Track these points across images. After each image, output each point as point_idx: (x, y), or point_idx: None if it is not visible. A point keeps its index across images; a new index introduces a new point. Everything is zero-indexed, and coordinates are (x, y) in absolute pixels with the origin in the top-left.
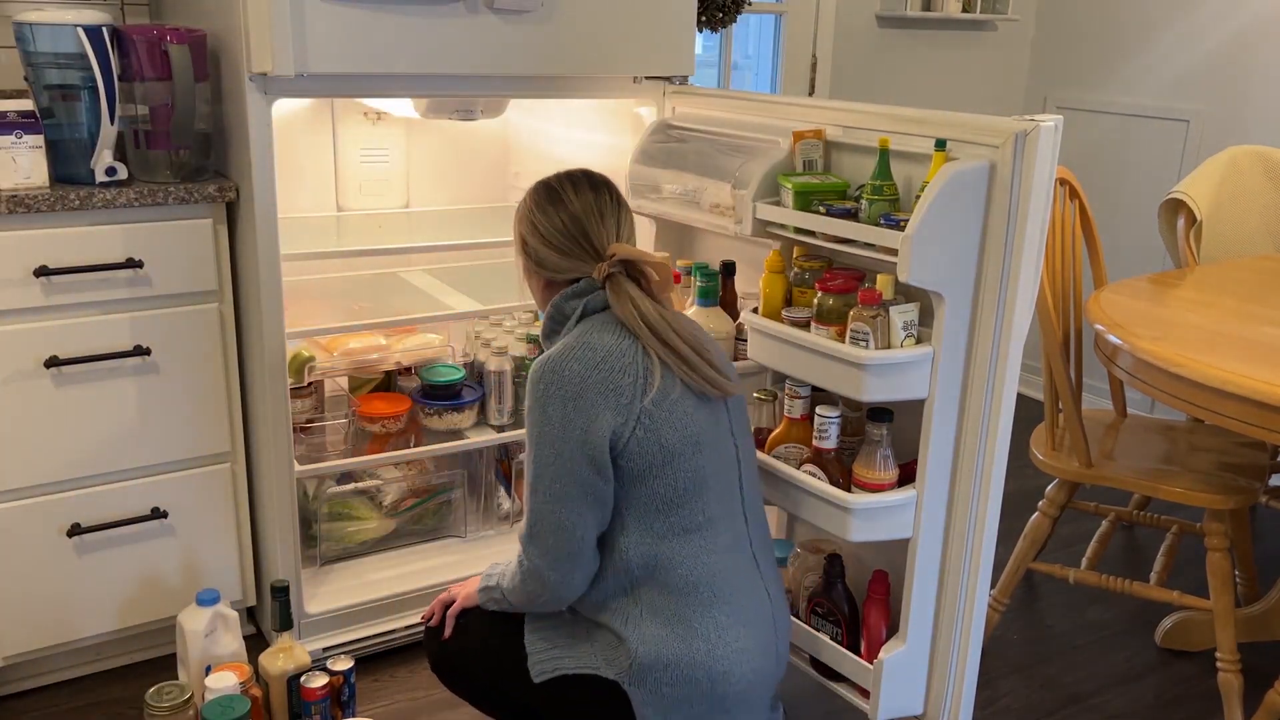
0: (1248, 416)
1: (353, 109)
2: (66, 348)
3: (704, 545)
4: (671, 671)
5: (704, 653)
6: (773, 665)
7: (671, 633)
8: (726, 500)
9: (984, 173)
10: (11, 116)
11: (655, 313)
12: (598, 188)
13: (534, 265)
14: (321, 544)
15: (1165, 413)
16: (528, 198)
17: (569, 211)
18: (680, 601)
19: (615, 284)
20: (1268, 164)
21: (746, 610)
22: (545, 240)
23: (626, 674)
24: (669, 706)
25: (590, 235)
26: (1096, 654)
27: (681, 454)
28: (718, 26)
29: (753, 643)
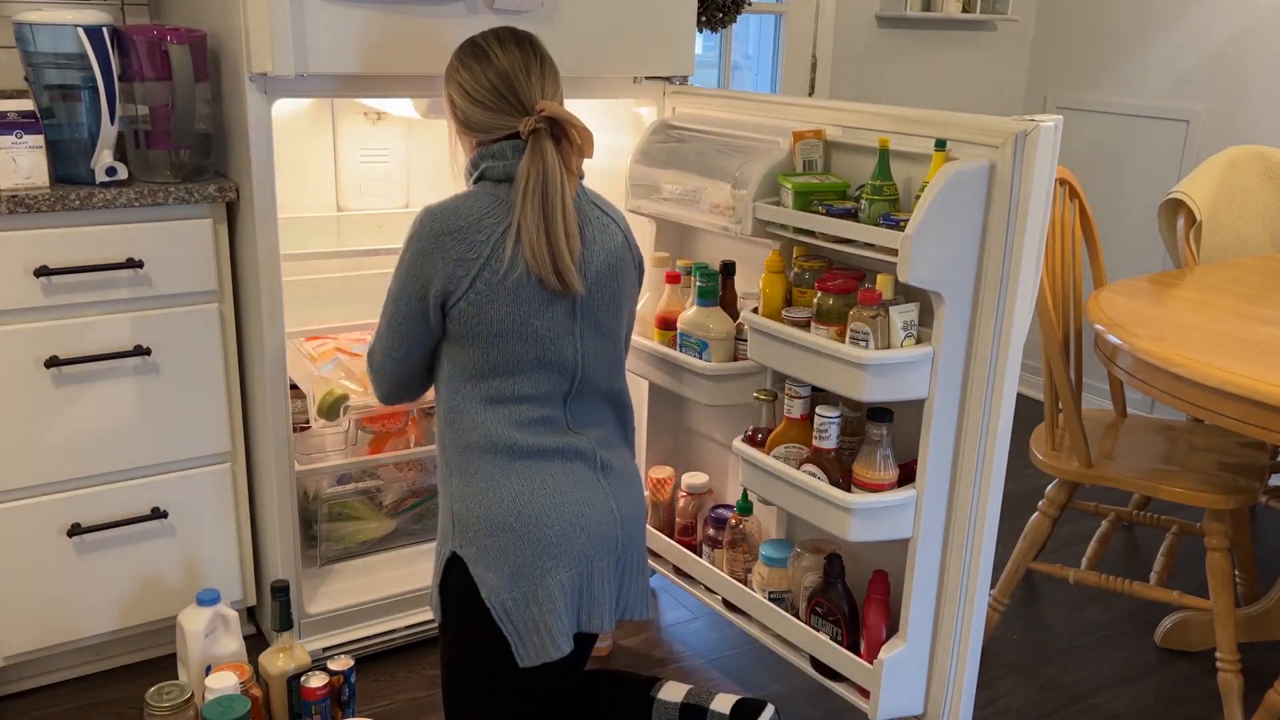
0: (1248, 416)
1: (353, 109)
2: (66, 348)
3: (509, 416)
4: (485, 521)
5: (512, 497)
6: (609, 524)
7: (478, 485)
8: (544, 387)
9: (984, 173)
10: (11, 116)
11: (554, 182)
12: (523, 44)
13: (463, 126)
14: (321, 544)
15: (1165, 413)
16: (454, 57)
17: (495, 68)
18: (484, 459)
19: (537, 139)
20: (1268, 164)
21: (561, 467)
22: (472, 99)
23: (454, 539)
24: (494, 559)
25: (518, 91)
26: (1096, 654)
27: (500, 335)
28: (718, 26)
29: (570, 493)
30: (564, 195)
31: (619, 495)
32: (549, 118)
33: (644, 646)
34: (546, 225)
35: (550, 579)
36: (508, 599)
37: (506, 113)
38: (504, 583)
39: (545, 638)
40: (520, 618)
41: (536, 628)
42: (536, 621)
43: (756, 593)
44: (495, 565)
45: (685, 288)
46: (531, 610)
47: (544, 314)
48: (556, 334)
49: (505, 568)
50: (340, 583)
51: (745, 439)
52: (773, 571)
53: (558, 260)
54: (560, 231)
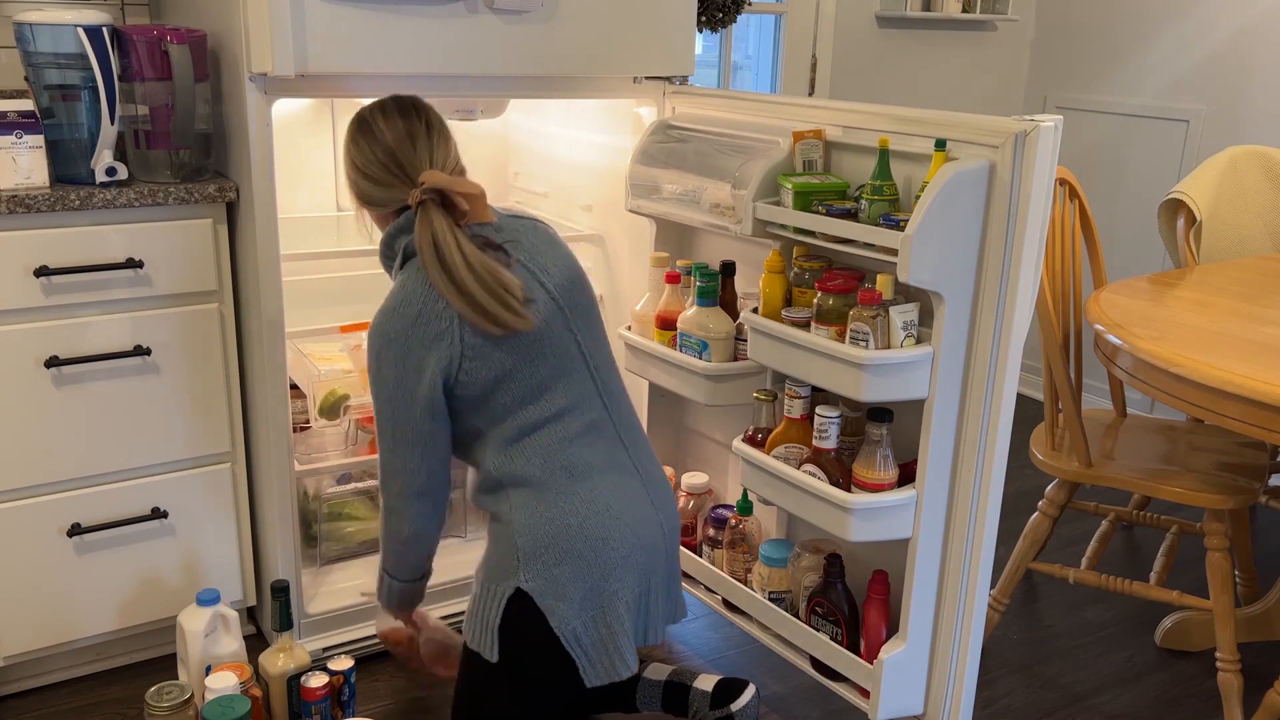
0: (1248, 416)
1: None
2: (66, 348)
3: (557, 436)
4: (552, 551)
5: (577, 525)
6: (658, 536)
7: (541, 517)
8: (577, 390)
9: (984, 173)
10: (11, 116)
11: (446, 246)
12: (407, 113)
13: (361, 201)
14: (321, 544)
15: (1165, 413)
16: (346, 134)
17: (380, 142)
18: (543, 489)
19: (425, 212)
20: (1267, 164)
21: (614, 485)
22: (362, 173)
23: (519, 573)
24: (563, 587)
25: (403, 164)
26: (1096, 654)
27: (515, 369)
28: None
29: (627, 511)
30: (465, 256)
31: (663, 507)
32: (433, 189)
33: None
34: (457, 287)
35: (618, 600)
36: (578, 625)
37: (395, 187)
38: (574, 610)
39: (615, 658)
40: (590, 640)
41: (605, 649)
42: (606, 643)
43: (756, 593)
44: (565, 593)
45: (685, 288)
46: (600, 632)
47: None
48: (557, 336)
49: (575, 594)
50: (340, 583)
51: (745, 439)
52: (773, 571)
53: (492, 317)
54: (477, 291)
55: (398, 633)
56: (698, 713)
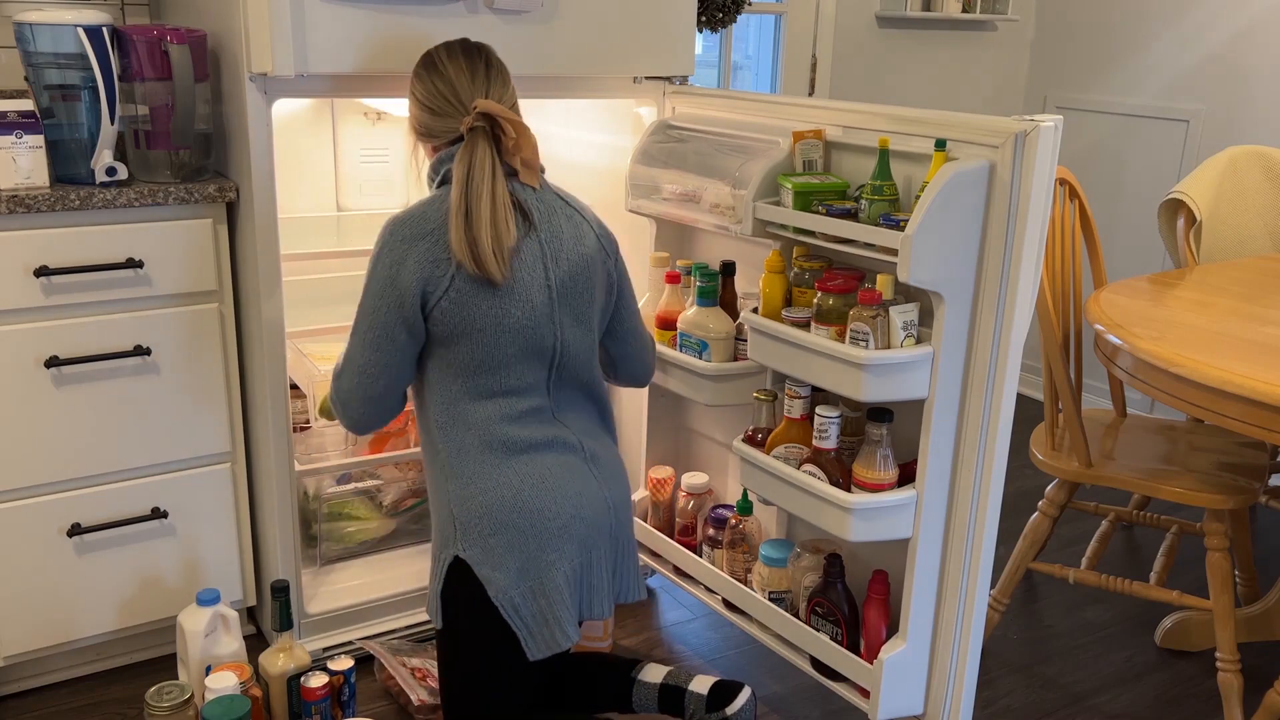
0: (1248, 416)
1: (353, 109)
2: (66, 348)
3: (499, 410)
4: (487, 520)
5: (510, 496)
6: (602, 509)
7: (476, 485)
8: (532, 377)
9: (984, 173)
10: (11, 116)
11: (478, 174)
12: (470, 52)
13: (419, 133)
14: (321, 544)
15: (1165, 413)
16: (413, 71)
17: (443, 75)
18: (479, 457)
19: (473, 136)
20: (1267, 164)
21: (554, 460)
22: (422, 104)
23: (457, 542)
24: (499, 557)
25: (460, 94)
26: (1096, 654)
27: (484, 330)
28: (718, 26)
29: (566, 484)
30: (492, 186)
31: (609, 484)
32: (484, 114)
33: (644, 646)
34: (467, 213)
35: (555, 571)
36: (515, 595)
37: (451, 115)
38: (511, 579)
39: (555, 629)
40: (528, 611)
41: (545, 620)
42: (545, 614)
43: (756, 593)
44: (500, 563)
45: (685, 288)
46: (540, 603)
47: (524, 304)
48: (537, 322)
49: (511, 564)
50: (340, 583)
51: (745, 439)
52: (773, 571)
53: (476, 249)
54: (482, 220)
55: None
56: (693, 715)
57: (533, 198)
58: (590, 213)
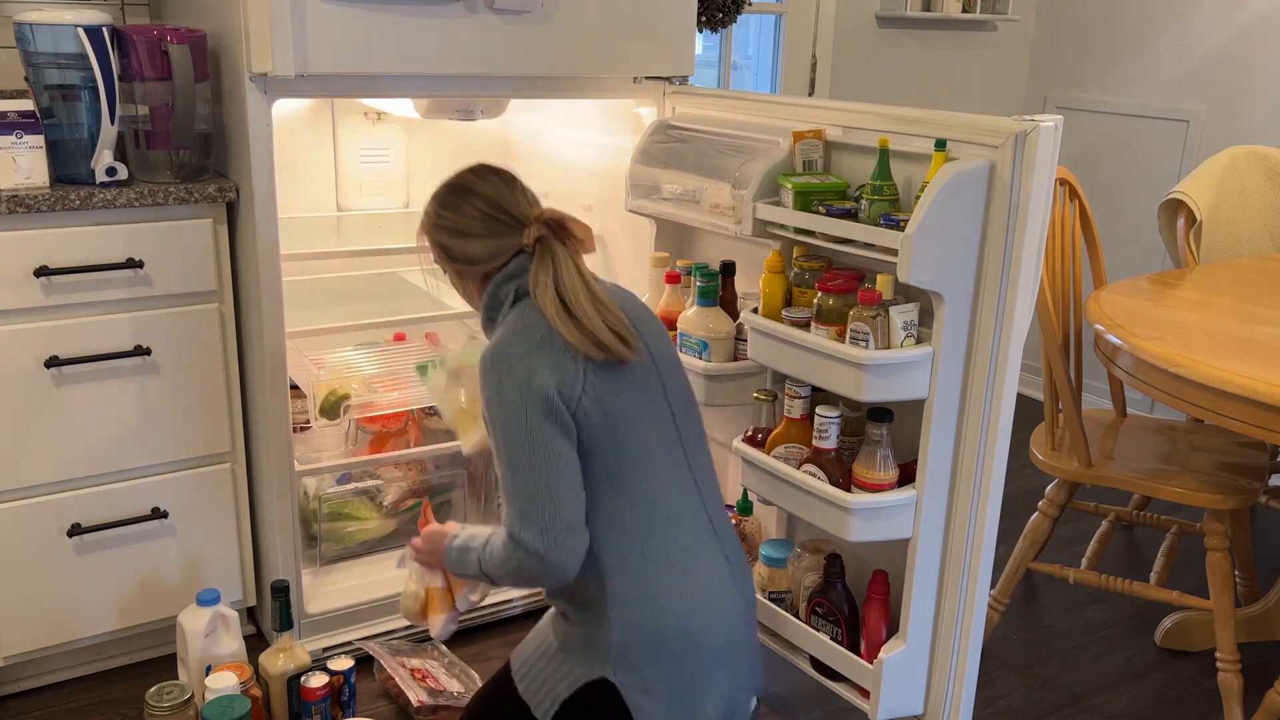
0: (1248, 416)
1: (353, 109)
2: (66, 348)
3: (659, 516)
4: (648, 649)
5: (674, 624)
6: (742, 626)
7: (640, 612)
8: (673, 467)
9: (984, 173)
10: (12, 116)
11: (565, 272)
12: (495, 170)
13: (465, 266)
14: (321, 544)
15: (1165, 413)
16: (431, 208)
17: (482, 196)
18: (642, 582)
19: (544, 246)
20: (1268, 164)
21: (707, 576)
22: (464, 234)
23: (609, 665)
24: (653, 684)
25: (510, 209)
26: (1096, 654)
27: (625, 421)
28: (718, 26)
29: (721, 606)
30: (581, 277)
31: (745, 590)
32: (547, 221)
33: None
34: (569, 312)
35: (707, 701)
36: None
37: (504, 235)
38: (659, 707)
39: None
40: None
41: None
42: None
43: (757, 593)
44: (655, 691)
45: (685, 288)
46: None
47: (635, 389)
48: (653, 403)
49: (664, 693)
50: (340, 583)
51: (745, 439)
52: (773, 571)
53: (596, 336)
54: (584, 306)
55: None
56: None
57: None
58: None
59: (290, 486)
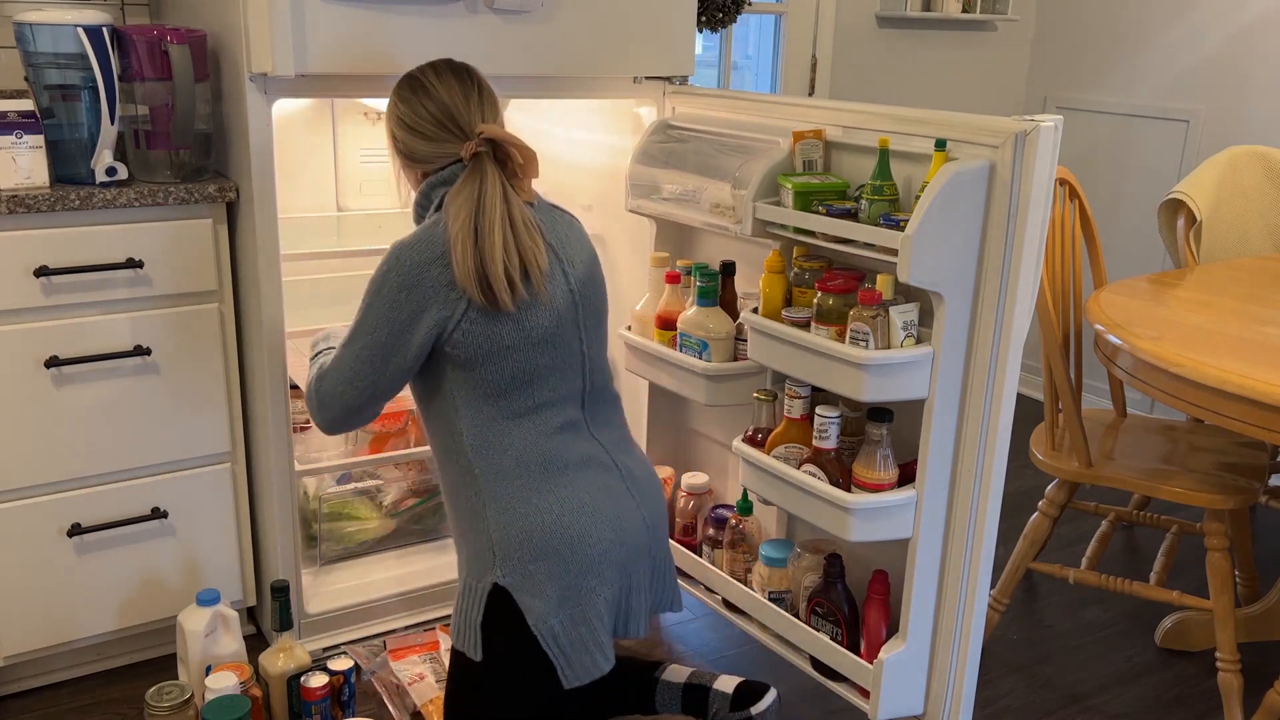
0: (1248, 416)
1: (353, 109)
2: (66, 348)
3: (535, 428)
4: (528, 547)
5: (553, 520)
6: (640, 529)
7: (515, 513)
8: (566, 388)
9: (984, 173)
10: (11, 116)
11: (489, 201)
12: (459, 73)
13: (407, 159)
14: (321, 544)
15: (1165, 413)
16: (393, 93)
17: (434, 98)
18: (518, 481)
19: (478, 162)
20: (1268, 164)
21: (592, 481)
22: (413, 130)
23: (496, 569)
24: (540, 584)
25: (458, 119)
26: (1096, 654)
27: (512, 346)
28: (718, 26)
29: (606, 506)
30: (505, 211)
31: (647, 502)
32: (489, 139)
33: (644, 646)
34: (477, 241)
35: (596, 597)
36: (555, 623)
37: (448, 141)
38: (551, 607)
39: (595, 654)
40: (568, 640)
41: (585, 647)
42: (585, 641)
43: (756, 593)
44: (541, 591)
45: (685, 288)
46: (580, 631)
47: (550, 312)
48: (565, 330)
49: (552, 592)
50: (340, 583)
51: (745, 439)
52: (773, 571)
53: (485, 275)
54: (493, 235)
55: None
56: (717, 714)
57: (531, 211)
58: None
59: (290, 486)
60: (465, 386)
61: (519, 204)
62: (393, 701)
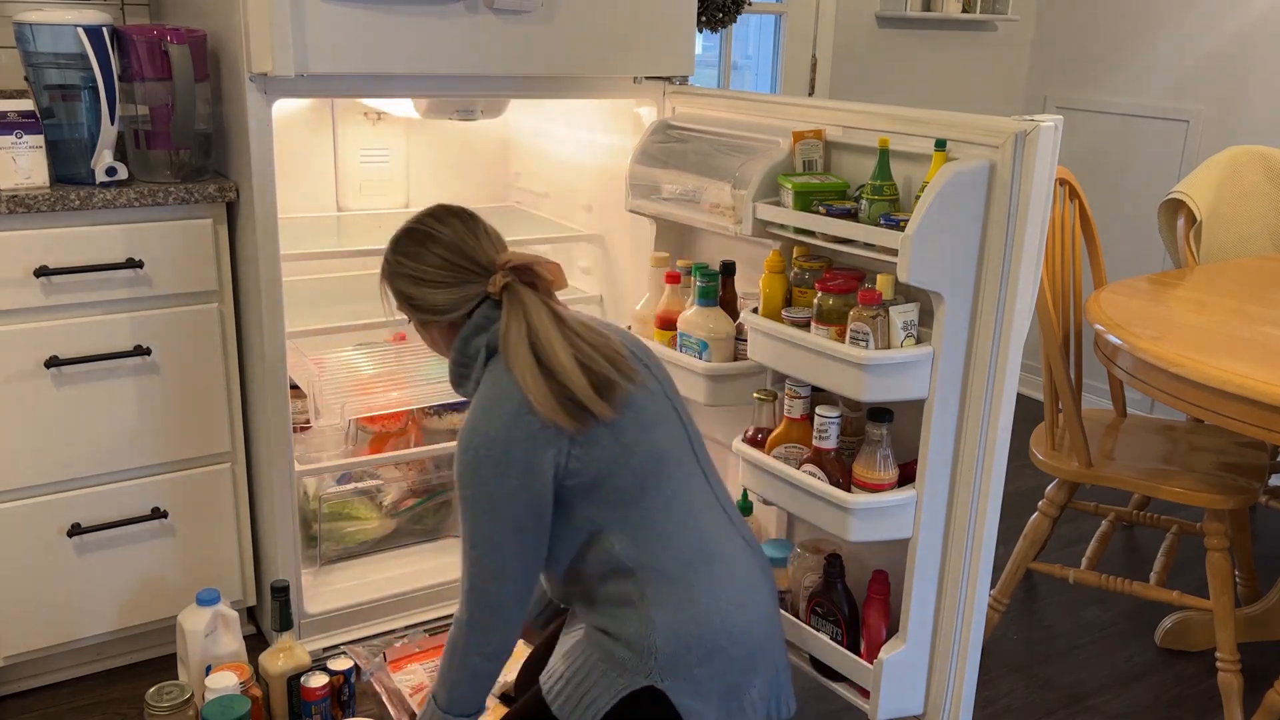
0: (1248, 416)
1: (353, 109)
2: (66, 348)
3: (684, 516)
4: (696, 650)
5: (719, 620)
6: (774, 609)
7: (685, 615)
8: (687, 464)
9: (984, 173)
10: (12, 116)
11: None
12: (457, 213)
13: (428, 315)
14: (321, 544)
15: (1165, 413)
16: (390, 255)
17: (442, 241)
18: (683, 582)
19: (512, 293)
20: (1268, 164)
21: (736, 565)
22: (425, 282)
23: (655, 673)
24: (704, 685)
25: (474, 256)
26: (1096, 654)
27: (633, 441)
28: (718, 26)
29: (759, 600)
30: (558, 327)
31: (769, 577)
32: (514, 267)
33: None
34: (545, 369)
35: (754, 690)
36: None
37: (468, 283)
38: (712, 707)
39: None
40: None
41: None
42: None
43: None
44: (705, 691)
45: (685, 288)
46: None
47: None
48: (663, 408)
49: (715, 689)
50: (340, 583)
51: (745, 439)
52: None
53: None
54: (560, 358)
55: None
56: None
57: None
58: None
59: (290, 486)
60: (602, 508)
61: (566, 311)
62: (392, 702)
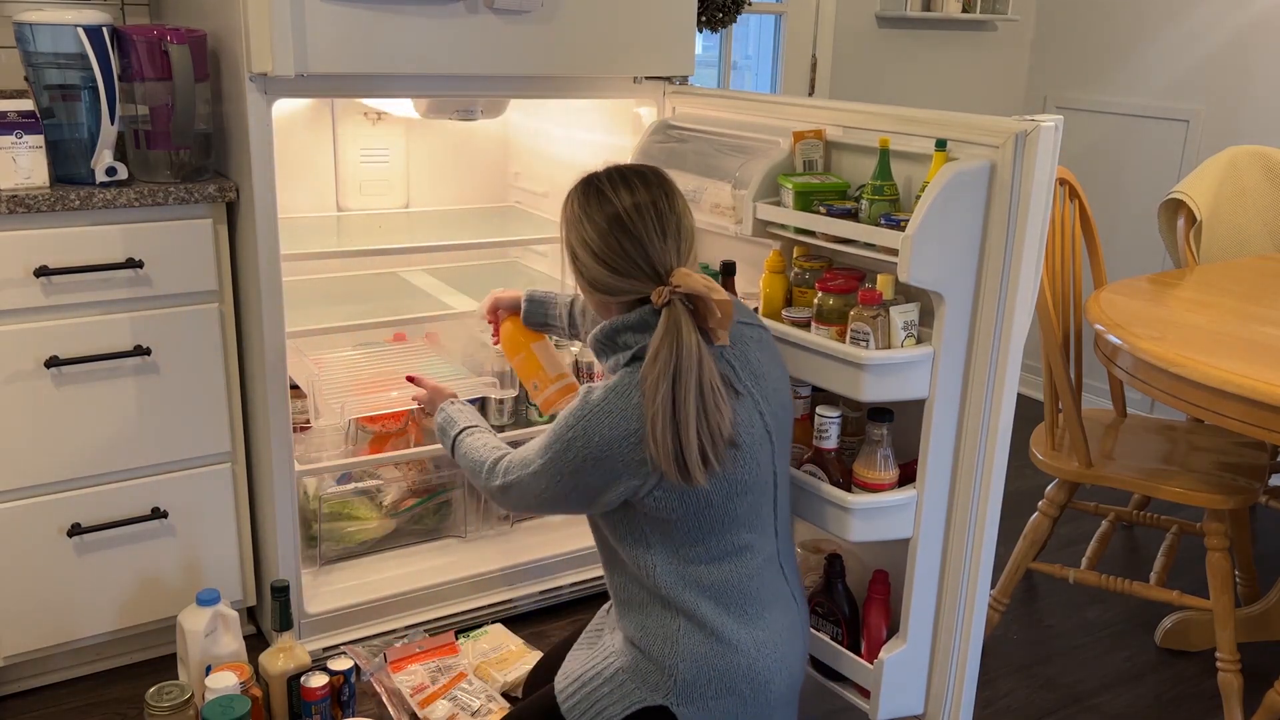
0: (1248, 416)
1: (353, 109)
2: (66, 348)
3: (737, 569)
4: (715, 685)
5: (745, 665)
6: (802, 667)
7: (712, 650)
8: (761, 525)
9: (984, 173)
10: (11, 116)
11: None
12: (656, 197)
13: (585, 282)
14: (321, 544)
15: (1165, 413)
16: (575, 209)
17: (628, 232)
18: (716, 627)
19: (672, 314)
20: (1268, 164)
21: (779, 620)
22: (598, 255)
23: (672, 694)
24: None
25: (651, 256)
26: (1096, 654)
27: (710, 504)
28: (718, 26)
29: (786, 649)
30: (698, 378)
31: (805, 628)
32: (685, 296)
33: None
34: (675, 415)
35: None
36: None
37: (637, 278)
38: None
39: None
40: None
41: None
42: None
43: None
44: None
45: None
46: None
47: (750, 463)
48: (761, 476)
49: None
50: (340, 583)
51: None
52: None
53: (684, 455)
54: (688, 411)
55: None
56: None
57: (728, 353)
58: (756, 314)
59: (290, 486)
60: (659, 532)
61: (711, 366)
62: (392, 702)
